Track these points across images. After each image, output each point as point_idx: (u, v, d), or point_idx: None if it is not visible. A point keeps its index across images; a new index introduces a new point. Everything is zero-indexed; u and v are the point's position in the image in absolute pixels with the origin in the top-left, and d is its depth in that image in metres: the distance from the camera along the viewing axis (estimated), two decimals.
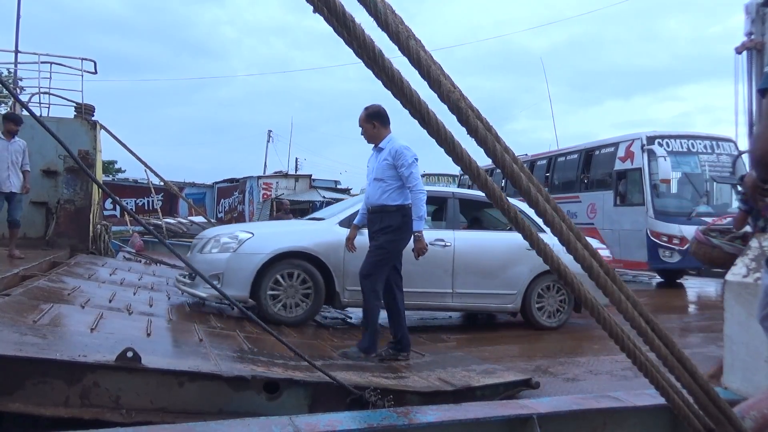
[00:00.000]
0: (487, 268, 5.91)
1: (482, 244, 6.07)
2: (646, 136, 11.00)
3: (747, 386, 2.69)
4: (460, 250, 5.79)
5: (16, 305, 3.88)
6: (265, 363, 3.32)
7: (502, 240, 6.11)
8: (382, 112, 4.29)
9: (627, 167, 11.29)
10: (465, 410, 2.38)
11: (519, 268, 5.93)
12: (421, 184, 4.16)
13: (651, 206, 10.65)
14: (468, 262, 5.81)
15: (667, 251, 10.36)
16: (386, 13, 1.08)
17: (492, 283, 5.89)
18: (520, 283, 5.95)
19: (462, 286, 5.80)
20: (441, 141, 1.21)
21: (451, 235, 5.86)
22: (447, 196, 6.28)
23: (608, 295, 1.45)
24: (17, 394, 2.48)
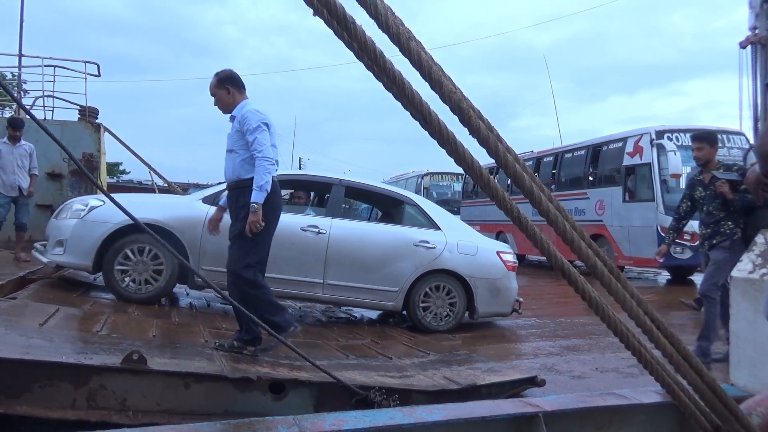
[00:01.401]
0: (365, 260, 5.50)
1: (362, 236, 5.67)
2: (655, 130, 10.78)
3: (754, 383, 2.68)
4: (335, 239, 5.40)
5: (22, 308, 3.90)
6: (270, 363, 3.33)
7: (387, 233, 5.77)
8: (235, 76, 3.87)
9: (636, 162, 11.05)
10: (471, 409, 2.38)
11: (402, 265, 5.56)
12: (267, 151, 3.64)
13: (661, 202, 10.40)
14: (344, 253, 5.43)
15: (678, 247, 9.98)
16: (386, 14, 1.08)
17: (370, 277, 5.48)
18: (402, 281, 5.54)
19: (335, 277, 5.41)
20: (443, 142, 1.20)
21: (328, 222, 5.49)
22: (333, 183, 5.92)
23: (613, 293, 1.44)
24: (24, 397, 2.50)
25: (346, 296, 5.54)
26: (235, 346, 3.58)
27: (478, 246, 5.90)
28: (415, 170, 23.13)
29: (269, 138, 3.71)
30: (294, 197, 6.48)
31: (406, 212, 6.05)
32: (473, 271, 5.69)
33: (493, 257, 5.89)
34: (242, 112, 3.73)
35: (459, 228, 6.22)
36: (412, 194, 6.55)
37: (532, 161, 15.09)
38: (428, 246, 5.60)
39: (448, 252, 5.66)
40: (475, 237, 6.19)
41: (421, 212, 5.99)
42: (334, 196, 5.84)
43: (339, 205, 5.88)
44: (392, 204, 6.37)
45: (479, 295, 5.69)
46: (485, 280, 5.75)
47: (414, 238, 5.63)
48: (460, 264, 5.67)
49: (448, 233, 5.81)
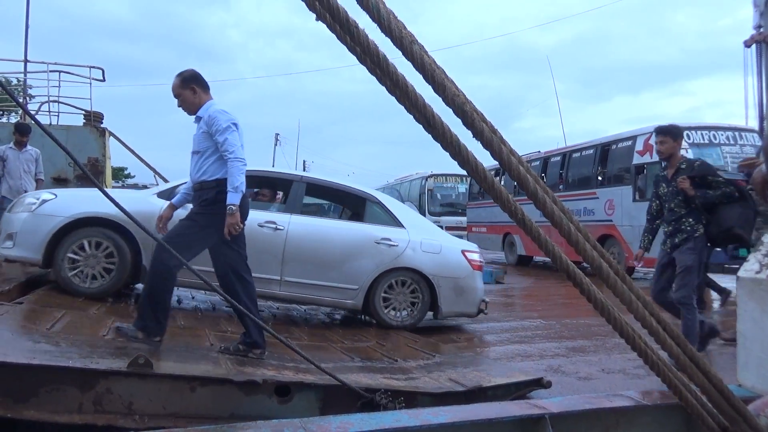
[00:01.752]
0: (324, 257, 5.40)
1: (322, 233, 5.57)
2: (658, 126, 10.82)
3: (762, 383, 2.66)
4: (294, 235, 5.30)
5: (29, 313, 3.92)
6: (275, 366, 3.33)
7: (348, 230, 5.70)
8: (200, 75, 3.77)
9: (646, 161, 10.82)
10: (477, 411, 2.37)
11: (363, 262, 5.45)
12: (239, 151, 3.58)
13: None
14: (302, 250, 5.32)
15: None
16: (389, 18, 1.08)
17: (330, 275, 5.37)
18: (363, 279, 5.43)
19: (293, 274, 5.30)
20: (447, 144, 1.20)
21: (287, 218, 5.40)
22: (293, 179, 5.86)
23: (618, 295, 1.44)
24: (31, 401, 2.51)
25: (305, 294, 5.42)
26: (241, 349, 3.57)
27: (442, 244, 5.79)
28: (419, 172, 23.03)
29: (239, 138, 3.65)
30: (259, 194, 6.38)
31: (369, 210, 5.94)
32: (437, 269, 5.60)
33: (458, 256, 5.78)
34: (209, 112, 3.65)
35: (423, 226, 6.13)
36: (376, 192, 6.41)
37: (539, 161, 14.90)
38: (390, 244, 5.51)
39: (411, 250, 5.56)
40: (440, 235, 6.08)
41: (385, 210, 5.89)
42: (294, 192, 5.72)
43: (299, 202, 5.74)
44: (355, 201, 6.27)
45: (443, 295, 5.59)
46: (449, 279, 5.64)
47: (376, 236, 5.54)
48: (424, 262, 5.58)
49: (412, 231, 5.71)
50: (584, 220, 12.32)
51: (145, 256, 4.89)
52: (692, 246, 4.35)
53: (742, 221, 4.44)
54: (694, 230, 4.42)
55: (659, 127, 4.75)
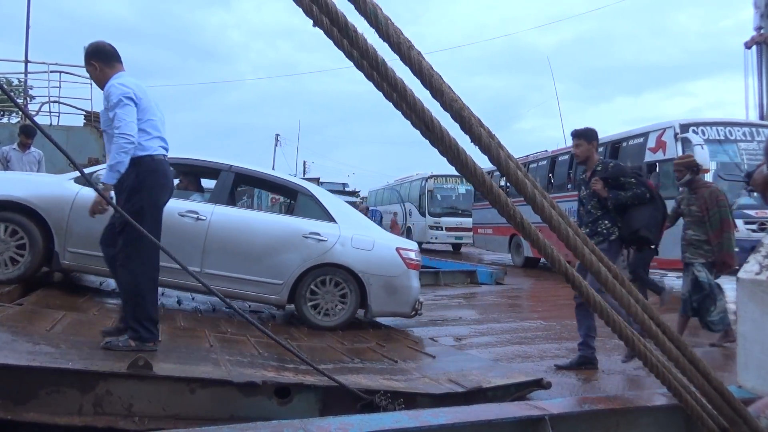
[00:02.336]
0: (248, 250, 5.19)
1: (247, 224, 5.37)
2: (679, 123, 10.07)
3: (762, 384, 2.66)
4: (216, 226, 5.09)
5: (29, 314, 3.92)
6: (275, 368, 3.33)
7: (274, 223, 5.52)
8: (102, 48, 3.50)
9: (659, 158, 10.37)
10: (476, 412, 2.38)
11: (288, 257, 5.24)
12: (127, 127, 3.26)
13: None
14: (225, 242, 5.13)
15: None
16: (387, 23, 1.07)
17: (253, 268, 5.17)
18: (287, 273, 5.22)
19: (214, 266, 5.09)
20: (445, 148, 1.20)
21: (210, 209, 5.21)
22: (221, 169, 5.62)
23: (618, 299, 1.44)
24: (31, 403, 2.51)
25: (226, 287, 5.11)
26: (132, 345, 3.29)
27: (375, 241, 5.55)
28: (419, 173, 22.92)
29: (133, 113, 3.33)
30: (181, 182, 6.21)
31: (301, 202, 5.79)
32: (368, 266, 5.38)
33: (392, 253, 5.55)
34: (107, 86, 3.39)
35: (357, 221, 5.89)
36: (309, 184, 6.17)
37: (546, 160, 14.54)
38: (319, 238, 5.31)
39: (341, 245, 5.35)
40: (374, 231, 5.86)
41: (317, 203, 5.72)
42: (221, 182, 5.54)
43: (225, 192, 5.53)
44: (286, 193, 6.08)
45: (373, 293, 5.36)
46: (381, 277, 5.42)
47: (304, 230, 5.34)
48: (354, 259, 5.36)
49: (344, 226, 5.51)
50: None
51: (57, 242, 4.74)
52: (606, 248, 4.29)
53: (649, 223, 4.45)
54: (610, 233, 4.42)
55: (574, 130, 4.68)
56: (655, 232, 4.55)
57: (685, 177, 5.20)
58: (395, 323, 6.43)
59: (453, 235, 20.85)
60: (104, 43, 3.53)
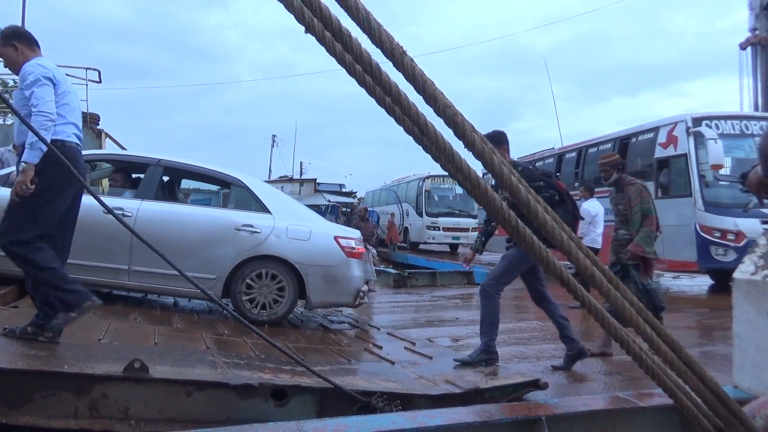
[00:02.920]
0: (178, 246, 5.01)
1: (176, 219, 5.24)
2: (691, 117, 9.56)
3: (757, 385, 2.67)
4: (143, 222, 4.93)
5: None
6: (272, 370, 3.33)
7: (205, 216, 5.37)
8: (23, 31, 3.45)
9: (670, 154, 9.87)
10: (473, 413, 2.38)
11: (221, 250, 5.13)
12: (46, 105, 3.16)
13: (700, 197, 9.24)
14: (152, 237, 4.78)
15: (721, 248, 8.96)
16: (379, 30, 1.07)
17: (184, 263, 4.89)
18: (220, 268, 5.10)
19: (142, 263, 4.97)
20: (439, 151, 1.20)
21: (136, 204, 5.11)
22: (150, 163, 5.48)
23: (611, 302, 1.44)
24: (27, 407, 2.50)
25: (157, 284, 5.12)
26: (29, 332, 3.20)
27: (312, 230, 5.42)
28: (416, 173, 22.76)
29: (51, 93, 3.23)
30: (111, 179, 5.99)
31: (234, 194, 5.70)
32: (305, 257, 5.27)
33: (330, 243, 5.42)
34: (25, 66, 3.28)
35: (294, 211, 5.73)
36: (242, 175, 6.05)
37: (553, 158, 14.11)
38: (252, 230, 5.20)
39: (275, 237, 5.23)
40: (311, 221, 5.69)
41: (250, 194, 5.60)
42: (149, 177, 5.42)
43: (153, 187, 5.38)
44: (220, 186, 6.00)
45: (312, 284, 5.24)
46: (319, 268, 5.30)
47: (236, 222, 5.22)
48: (289, 250, 5.25)
49: (279, 216, 5.38)
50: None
51: None
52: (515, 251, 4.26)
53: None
54: None
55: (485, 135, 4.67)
56: None
57: (612, 176, 4.99)
58: (392, 324, 6.43)
59: (450, 236, 20.71)
60: (24, 29, 3.50)
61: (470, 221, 20.18)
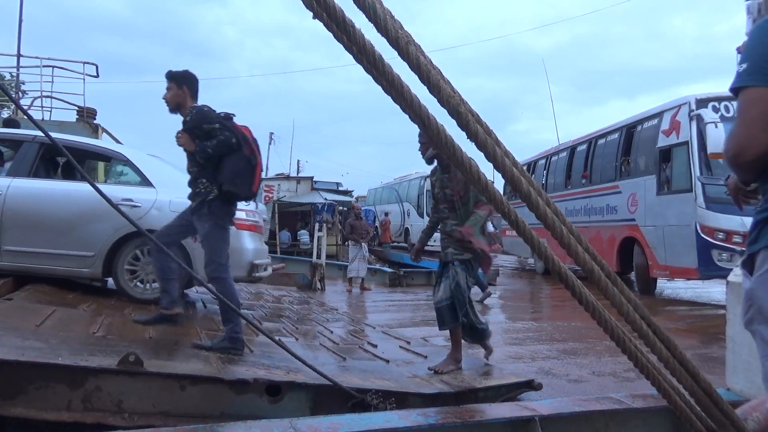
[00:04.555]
0: (53, 223, 4.87)
1: (51, 196, 5.04)
2: (695, 98, 8.35)
3: (750, 387, 2.69)
4: (12, 200, 4.83)
5: (18, 309, 3.89)
6: (266, 366, 3.32)
7: (81, 192, 4.96)
8: None
9: (672, 142, 8.72)
10: (467, 412, 2.39)
11: (98, 226, 4.90)
12: None
13: (701, 192, 8.03)
14: (24, 216, 4.85)
15: (725, 253, 7.75)
16: (385, 18, 1.08)
17: (59, 241, 4.88)
18: (99, 244, 4.90)
19: (13, 242, 4.84)
20: (441, 145, 1.21)
21: (6, 183, 4.94)
22: (24, 140, 5.27)
23: (609, 298, 1.45)
24: (20, 398, 2.49)
25: (31, 263, 4.92)
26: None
27: None
28: (418, 171, 21.91)
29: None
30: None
31: (116, 169, 5.47)
32: None
33: None
34: None
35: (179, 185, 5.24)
36: (124, 148, 5.82)
37: (566, 151, 13.08)
38: (132, 204, 4.93)
39: (157, 210, 4.98)
40: None
41: (133, 168, 5.40)
42: (22, 154, 5.21)
43: (27, 164, 5.15)
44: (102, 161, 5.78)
45: (199, 258, 4.89)
46: None
47: (115, 197, 4.76)
48: None
49: (162, 190, 5.13)
50: (607, 220, 10.48)
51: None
52: (207, 211, 3.74)
53: (231, 175, 3.74)
54: (208, 192, 3.74)
55: (167, 72, 3.93)
56: (240, 184, 3.77)
57: (429, 151, 3.93)
58: (388, 323, 6.43)
59: None
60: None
61: None
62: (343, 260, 14.93)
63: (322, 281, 10.04)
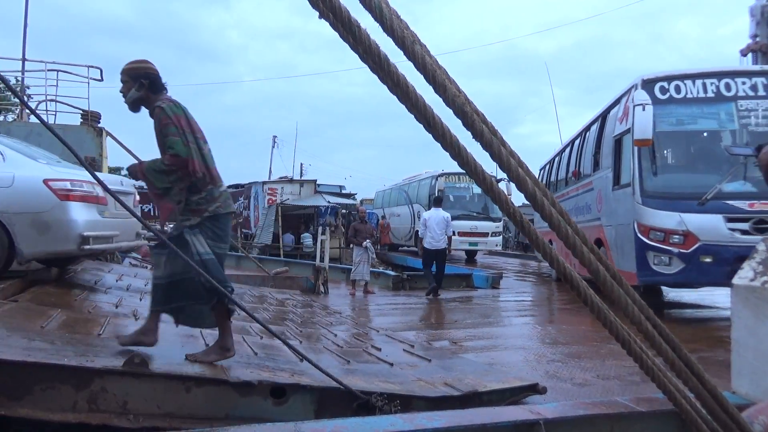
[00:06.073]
0: None
1: None
2: (642, 79, 7.26)
3: (755, 390, 2.68)
4: None
5: (24, 311, 3.90)
6: (271, 368, 3.33)
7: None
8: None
9: (622, 130, 7.72)
10: (472, 415, 2.38)
11: None
12: None
13: (638, 185, 7.00)
14: None
15: (663, 255, 6.63)
16: (392, 18, 1.09)
17: None
18: None
19: None
20: (446, 145, 1.21)
21: None
22: None
23: (615, 300, 1.44)
24: (26, 399, 2.50)
25: None
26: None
27: (15, 175, 4.80)
28: (428, 171, 20.60)
29: None
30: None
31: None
32: (8, 205, 4.69)
33: (38, 187, 4.81)
34: None
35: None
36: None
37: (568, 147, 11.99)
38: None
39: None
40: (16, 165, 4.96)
41: None
42: None
43: None
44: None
45: (20, 234, 4.69)
46: (27, 215, 4.74)
47: None
48: None
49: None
50: (584, 220, 9.44)
51: None
52: None
53: None
54: None
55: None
56: None
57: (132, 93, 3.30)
58: (391, 326, 6.43)
59: (467, 241, 18.18)
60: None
61: (490, 225, 18.21)
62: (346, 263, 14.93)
63: (325, 284, 10.04)
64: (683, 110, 7.09)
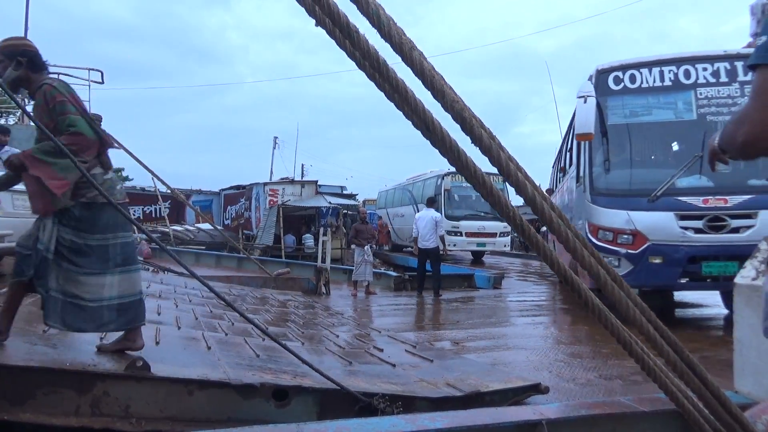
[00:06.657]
0: None
1: None
2: (597, 68, 6.84)
3: (758, 390, 2.67)
4: None
5: (25, 315, 3.90)
6: (273, 370, 3.33)
7: None
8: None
9: None
10: (474, 416, 2.38)
11: None
12: None
13: (588, 182, 6.71)
14: None
15: (611, 257, 6.24)
16: (389, 24, 1.08)
17: None
18: None
19: None
20: (445, 149, 1.21)
21: None
22: None
23: (616, 302, 1.44)
24: (28, 404, 2.51)
25: None
26: None
27: None
28: (433, 170, 20.33)
29: None
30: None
31: None
32: None
33: None
34: None
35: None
36: None
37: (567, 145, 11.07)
38: None
39: None
40: None
41: None
42: None
43: None
44: None
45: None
46: None
47: None
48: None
49: None
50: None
51: None
52: None
53: None
54: None
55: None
56: None
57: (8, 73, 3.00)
58: (393, 327, 6.43)
59: (474, 242, 18.01)
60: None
61: (497, 225, 17.72)
62: (348, 264, 14.92)
63: (327, 285, 10.04)
64: (637, 101, 6.64)
